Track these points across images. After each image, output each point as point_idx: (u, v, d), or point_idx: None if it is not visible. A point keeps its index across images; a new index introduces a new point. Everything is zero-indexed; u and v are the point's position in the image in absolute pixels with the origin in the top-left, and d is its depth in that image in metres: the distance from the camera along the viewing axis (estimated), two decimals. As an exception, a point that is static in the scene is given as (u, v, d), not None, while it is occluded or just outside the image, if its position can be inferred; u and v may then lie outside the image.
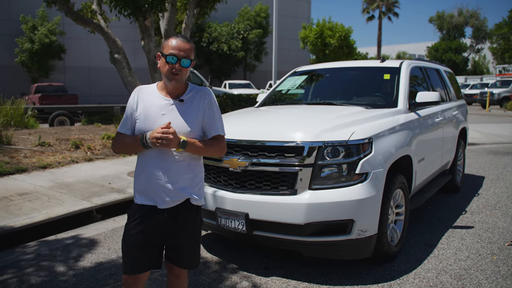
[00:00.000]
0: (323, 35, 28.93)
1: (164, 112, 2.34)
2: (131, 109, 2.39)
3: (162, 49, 2.36)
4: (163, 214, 2.36)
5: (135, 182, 2.43)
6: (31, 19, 25.15)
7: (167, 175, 2.34)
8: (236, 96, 13.84)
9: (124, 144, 2.38)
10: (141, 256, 2.38)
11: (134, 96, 2.41)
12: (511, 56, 33.57)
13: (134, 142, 2.33)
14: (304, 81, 5.73)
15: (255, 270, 3.70)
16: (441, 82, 6.10)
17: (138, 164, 2.43)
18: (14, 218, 4.84)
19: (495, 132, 13.34)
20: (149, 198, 2.37)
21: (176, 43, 2.32)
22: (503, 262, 3.80)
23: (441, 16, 59.64)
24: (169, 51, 2.30)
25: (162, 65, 2.34)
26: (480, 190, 6.41)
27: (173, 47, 2.31)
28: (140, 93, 2.41)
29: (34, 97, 18.57)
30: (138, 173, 2.41)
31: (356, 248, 3.45)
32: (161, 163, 2.34)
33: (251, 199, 3.46)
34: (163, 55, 2.33)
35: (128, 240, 2.38)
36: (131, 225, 2.38)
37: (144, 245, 2.37)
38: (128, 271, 2.40)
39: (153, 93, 2.40)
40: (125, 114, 2.41)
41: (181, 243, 2.43)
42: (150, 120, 2.33)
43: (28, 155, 7.91)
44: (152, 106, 2.35)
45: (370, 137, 3.50)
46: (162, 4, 9.18)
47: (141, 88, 2.45)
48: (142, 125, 2.34)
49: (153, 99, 2.38)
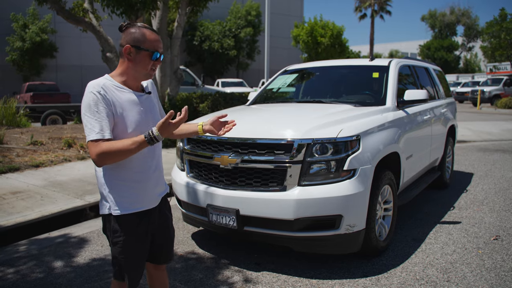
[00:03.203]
0: (314, 33, 29.00)
1: (142, 107, 2.20)
2: (109, 110, 2.08)
3: (139, 43, 2.13)
4: (156, 212, 2.32)
5: (120, 190, 2.18)
6: (22, 18, 25.01)
7: (159, 170, 2.32)
8: (229, 95, 13.84)
9: (121, 149, 2.03)
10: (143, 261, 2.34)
11: (106, 95, 2.08)
12: (502, 55, 33.89)
13: (135, 144, 2.03)
14: (295, 80, 5.80)
15: (247, 265, 3.76)
16: (430, 80, 6.20)
17: (122, 169, 2.17)
18: (7, 217, 4.87)
19: (485, 130, 13.50)
20: (145, 202, 2.24)
21: (156, 37, 2.17)
22: (488, 256, 3.90)
23: (433, 15, 60.07)
24: (154, 47, 2.15)
25: (143, 59, 2.14)
26: (468, 186, 6.52)
27: (156, 42, 2.16)
28: (108, 91, 2.10)
29: (26, 96, 18.46)
30: (126, 179, 2.18)
31: (344, 243, 3.53)
32: (153, 161, 2.27)
33: (242, 196, 3.53)
34: (144, 50, 2.13)
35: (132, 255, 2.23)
36: (130, 238, 2.20)
37: (146, 251, 2.32)
38: (136, 282, 2.30)
39: (120, 89, 2.15)
40: (103, 116, 2.05)
41: (170, 236, 2.46)
42: (130, 120, 2.13)
43: (20, 154, 7.92)
44: (127, 104, 2.14)
45: (358, 134, 3.57)
46: (154, 3, 9.21)
47: (105, 86, 2.12)
48: (125, 125, 2.12)
49: (123, 96, 2.15)
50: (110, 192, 2.18)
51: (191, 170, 4.06)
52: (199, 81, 18.01)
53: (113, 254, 2.26)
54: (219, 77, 30.68)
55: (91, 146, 2.05)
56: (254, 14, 31.86)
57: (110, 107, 2.08)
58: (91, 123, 2.04)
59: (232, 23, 31.02)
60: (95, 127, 2.04)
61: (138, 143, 2.04)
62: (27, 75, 25.54)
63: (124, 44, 2.15)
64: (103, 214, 2.24)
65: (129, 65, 2.17)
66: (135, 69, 2.17)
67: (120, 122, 2.12)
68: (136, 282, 2.30)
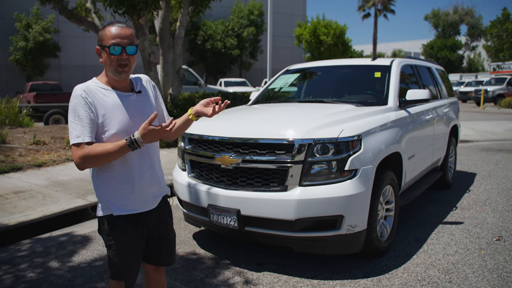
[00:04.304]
0: (317, 33, 28.95)
1: (129, 108, 2.14)
2: (90, 113, 2.05)
3: (101, 41, 2.10)
4: (153, 215, 2.28)
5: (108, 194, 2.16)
6: (25, 17, 25.07)
7: (153, 171, 2.25)
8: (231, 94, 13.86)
9: (103, 153, 2.01)
10: (138, 262, 2.33)
11: (87, 98, 2.06)
12: (505, 55, 33.76)
13: (116, 147, 2.01)
14: (297, 79, 5.79)
15: (248, 266, 3.76)
16: (433, 80, 6.17)
17: (107, 174, 2.15)
18: (9, 216, 4.88)
19: (488, 129, 13.45)
20: (137, 204, 2.20)
21: (116, 30, 2.08)
22: (490, 257, 3.88)
23: (436, 14, 59.90)
24: (111, 41, 2.06)
25: (106, 58, 2.09)
26: (471, 186, 6.49)
27: (114, 35, 2.06)
28: (90, 94, 2.08)
29: (29, 96, 18.48)
30: (113, 184, 2.15)
31: (345, 243, 3.51)
32: (144, 161, 2.20)
33: (243, 196, 3.52)
34: (104, 47, 2.08)
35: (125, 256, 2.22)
36: (122, 239, 2.19)
37: (140, 253, 2.31)
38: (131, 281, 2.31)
39: (104, 91, 2.12)
40: (84, 120, 2.04)
41: (170, 238, 2.44)
42: (114, 121, 2.09)
43: (23, 153, 7.94)
44: (111, 105, 2.10)
45: (360, 134, 3.56)
46: (156, 3, 9.21)
47: (88, 88, 2.09)
48: (108, 127, 2.08)
49: (107, 97, 2.11)
50: (100, 194, 2.19)
51: (192, 170, 4.06)
52: (201, 81, 18.01)
53: (108, 255, 2.27)
54: (222, 77, 30.66)
55: (73, 149, 2.05)
56: (256, 13, 31.83)
57: (92, 110, 2.06)
58: (73, 126, 2.05)
59: (234, 23, 31.00)
60: (75, 130, 2.04)
61: (119, 147, 2.01)
62: (30, 75, 25.59)
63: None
64: (98, 216, 2.24)
65: (105, 66, 2.15)
66: (108, 69, 2.14)
67: (104, 125, 2.08)
68: (130, 284, 2.30)
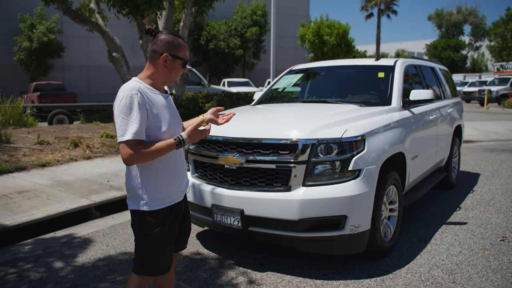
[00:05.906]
0: (320, 33, 28.95)
1: (170, 109, 2.34)
2: (144, 112, 2.17)
3: (176, 52, 2.28)
4: (182, 204, 2.48)
5: (156, 188, 2.30)
6: (29, 18, 25.16)
7: (185, 165, 2.50)
8: (234, 94, 13.88)
9: (154, 150, 2.17)
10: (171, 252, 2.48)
11: (142, 98, 2.17)
12: (509, 54, 33.63)
13: (165, 145, 2.19)
14: (300, 79, 5.79)
15: (251, 266, 3.76)
16: (436, 80, 6.16)
17: (157, 169, 2.30)
18: (13, 216, 4.90)
19: (492, 130, 13.41)
20: (175, 196, 2.39)
21: (186, 45, 2.37)
22: (494, 257, 3.87)
23: (440, 14, 59.74)
24: (186, 56, 2.33)
25: (177, 67, 2.31)
26: (475, 187, 6.48)
27: (186, 49, 2.35)
28: (144, 94, 2.20)
29: (33, 96, 18.60)
30: (161, 178, 2.31)
31: (349, 244, 3.51)
32: (182, 156, 2.45)
33: (246, 196, 3.52)
34: (181, 59, 2.31)
35: (164, 245, 2.37)
36: (164, 230, 2.33)
37: (173, 240, 2.46)
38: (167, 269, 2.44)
39: (151, 92, 2.26)
40: (137, 118, 2.14)
41: (190, 225, 2.66)
42: (164, 120, 2.26)
43: (27, 153, 7.97)
44: (161, 105, 2.27)
45: (363, 135, 3.56)
46: (160, 3, 9.24)
47: (140, 88, 2.20)
48: (160, 125, 2.24)
49: (157, 98, 2.27)
50: (147, 189, 2.29)
51: (196, 170, 4.06)
52: (205, 81, 18.04)
53: (140, 247, 2.36)
54: (225, 77, 30.70)
55: (124, 146, 2.13)
56: (260, 13, 31.84)
57: (146, 109, 2.18)
58: (126, 123, 2.13)
59: (238, 23, 31.02)
60: (130, 128, 2.13)
61: (168, 145, 2.21)
62: (34, 75, 25.67)
63: (160, 51, 2.25)
64: (136, 210, 2.32)
65: (163, 71, 2.29)
66: (168, 76, 2.31)
67: (156, 122, 2.23)
68: (166, 267, 2.42)
